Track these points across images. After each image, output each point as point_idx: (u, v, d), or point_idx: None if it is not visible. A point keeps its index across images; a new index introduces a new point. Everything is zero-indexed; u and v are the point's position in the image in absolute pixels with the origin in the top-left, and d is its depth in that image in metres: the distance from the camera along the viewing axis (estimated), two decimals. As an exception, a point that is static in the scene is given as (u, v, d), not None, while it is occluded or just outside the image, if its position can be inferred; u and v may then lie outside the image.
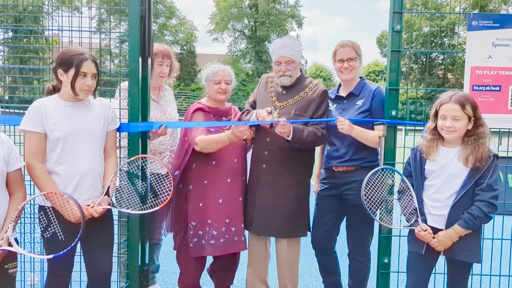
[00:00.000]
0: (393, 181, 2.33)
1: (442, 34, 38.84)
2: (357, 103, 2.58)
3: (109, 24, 3.67)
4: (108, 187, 2.10)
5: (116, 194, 2.26)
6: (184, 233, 2.68)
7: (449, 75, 40.89)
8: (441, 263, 2.26)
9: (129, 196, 2.22)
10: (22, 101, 3.53)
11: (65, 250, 1.82)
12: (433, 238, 2.10)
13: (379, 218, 2.27)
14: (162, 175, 2.26)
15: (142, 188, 2.33)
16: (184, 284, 2.82)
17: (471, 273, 2.31)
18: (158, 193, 2.20)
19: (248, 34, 41.99)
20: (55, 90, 2.20)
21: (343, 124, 2.40)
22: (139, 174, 2.32)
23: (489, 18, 2.40)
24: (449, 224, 2.09)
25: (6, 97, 3.67)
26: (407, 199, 2.22)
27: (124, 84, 2.61)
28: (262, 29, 40.39)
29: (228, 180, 2.64)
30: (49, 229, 1.91)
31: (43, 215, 1.95)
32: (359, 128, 2.47)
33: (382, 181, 2.28)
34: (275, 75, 2.69)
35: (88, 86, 2.07)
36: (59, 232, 1.89)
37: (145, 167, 2.35)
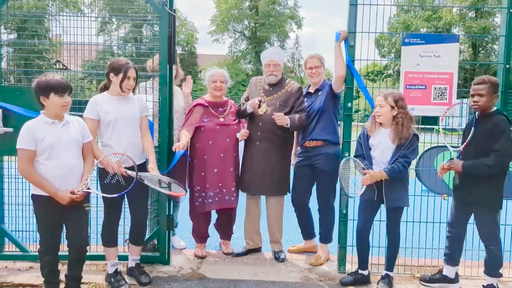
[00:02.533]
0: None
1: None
2: (319, 93, 3.55)
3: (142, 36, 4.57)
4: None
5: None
6: (192, 195, 3.63)
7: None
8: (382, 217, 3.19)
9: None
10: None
11: (126, 190, 2.73)
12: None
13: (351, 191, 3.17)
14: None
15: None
16: (196, 234, 3.77)
17: (405, 220, 3.25)
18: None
19: (248, 35, 42.75)
20: (105, 88, 3.14)
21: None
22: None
23: (417, 37, 3.34)
24: (383, 176, 3.04)
25: None
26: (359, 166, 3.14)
27: (149, 83, 3.52)
28: (262, 30, 41.11)
29: (222, 155, 3.55)
30: (113, 178, 2.84)
31: (106, 172, 2.88)
32: (341, 54, 3.32)
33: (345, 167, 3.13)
34: (264, 74, 3.64)
35: (131, 86, 3.01)
36: (120, 179, 2.82)
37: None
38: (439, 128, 3.27)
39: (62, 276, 2.81)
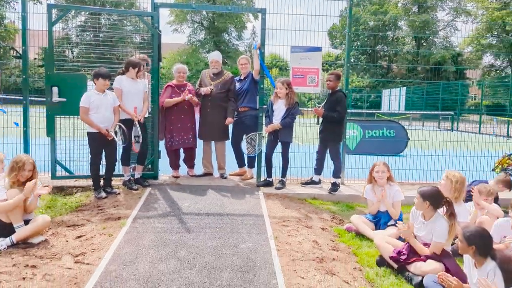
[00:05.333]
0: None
1: (386, 28, 43.96)
2: (246, 79, 6.08)
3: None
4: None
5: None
6: (165, 141, 6.05)
7: (394, 66, 45.79)
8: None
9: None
10: None
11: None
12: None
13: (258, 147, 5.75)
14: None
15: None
16: (172, 165, 6.20)
17: (295, 151, 5.87)
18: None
19: (207, 25, 44.36)
20: (123, 73, 5.45)
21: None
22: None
23: (299, 48, 5.91)
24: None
25: None
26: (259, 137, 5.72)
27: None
28: (220, 21, 42.67)
29: (182, 116, 5.97)
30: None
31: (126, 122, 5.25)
32: (257, 57, 5.82)
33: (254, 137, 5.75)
34: (210, 67, 6.11)
35: (140, 74, 5.36)
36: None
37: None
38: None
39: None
